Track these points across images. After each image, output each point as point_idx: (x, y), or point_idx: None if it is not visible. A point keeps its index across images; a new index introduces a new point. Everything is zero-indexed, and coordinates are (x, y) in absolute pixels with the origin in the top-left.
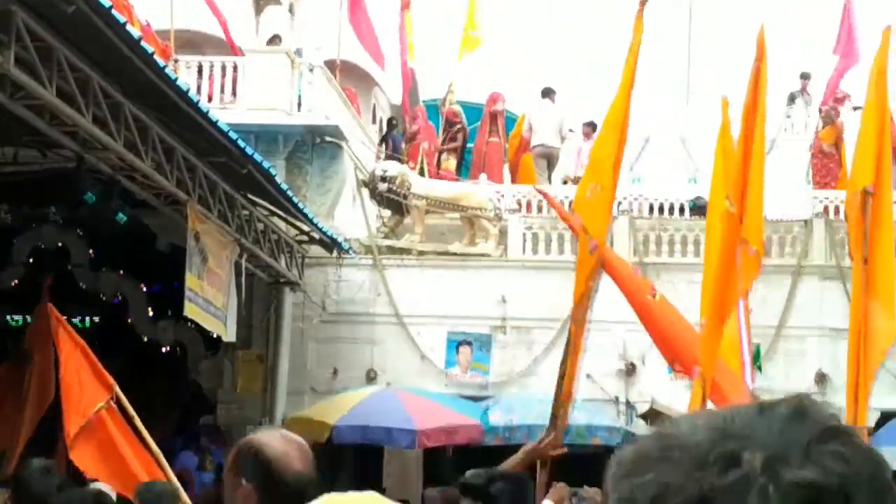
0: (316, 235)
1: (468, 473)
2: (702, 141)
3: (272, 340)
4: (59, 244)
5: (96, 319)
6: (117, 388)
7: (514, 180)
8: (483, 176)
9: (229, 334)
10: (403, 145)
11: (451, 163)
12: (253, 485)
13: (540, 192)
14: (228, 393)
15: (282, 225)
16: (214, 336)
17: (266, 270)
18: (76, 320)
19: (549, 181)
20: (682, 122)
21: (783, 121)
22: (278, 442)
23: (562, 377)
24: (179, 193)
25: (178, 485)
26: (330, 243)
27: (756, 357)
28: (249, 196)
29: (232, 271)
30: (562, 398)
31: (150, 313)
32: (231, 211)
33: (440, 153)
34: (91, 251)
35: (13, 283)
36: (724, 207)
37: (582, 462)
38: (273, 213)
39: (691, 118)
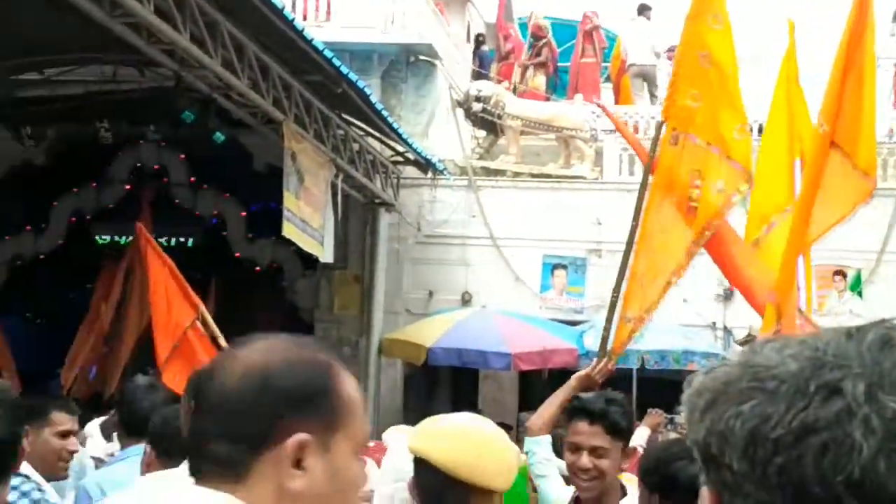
0: (411, 156)
1: (584, 395)
2: None
3: (368, 261)
4: (158, 163)
5: (194, 239)
6: (203, 307)
7: (616, 101)
8: (578, 96)
9: (326, 255)
10: (494, 64)
11: (538, 79)
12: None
13: (601, 107)
14: (325, 313)
15: (377, 145)
16: (311, 256)
17: (361, 191)
18: (174, 239)
19: (653, 100)
20: None
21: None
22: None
23: (613, 303)
24: (275, 112)
25: None
26: (425, 164)
27: (856, 283)
28: (344, 116)
29: (328, 191)
30: (620, 326)
31: (248, 233)
32: (326, 130)
33: (525, 68)
34: (189, 170)
35: (113, 202)
36: (811, 129)
37: (678, 388)
38: (368, 134)
39: None
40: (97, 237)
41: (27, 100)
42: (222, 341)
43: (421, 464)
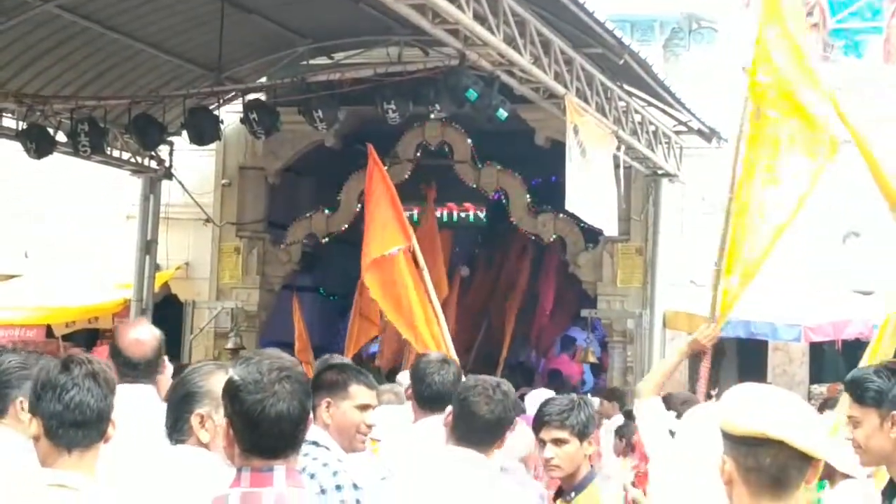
0: (694, 125)
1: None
2: None
3: (651, 233)
4: (443, 141)
5: (480, 214)
6: (415, 241)
7: None
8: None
9: (610, 227)
10: None
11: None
12: None
13: None
14: (608, 286)
15: (659, 115)
16: (594, 229)
17: (644, 162)
18: (457, 214)
19: None
20: None
21: None
22: None
23: (717, 271)
24: (557, 87)
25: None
26: (709, 133)
27: None
28: (626, 87)
29: (611, 164)
30: (724, 292)
31: (530, 207)
32: (608, 103)
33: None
34: (472, 147)
35: (400, 181)
36: None
37: None
38: (650, 104)
39: None
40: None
41: (318, 84)
42: (426, 275)
43: (752, 442)
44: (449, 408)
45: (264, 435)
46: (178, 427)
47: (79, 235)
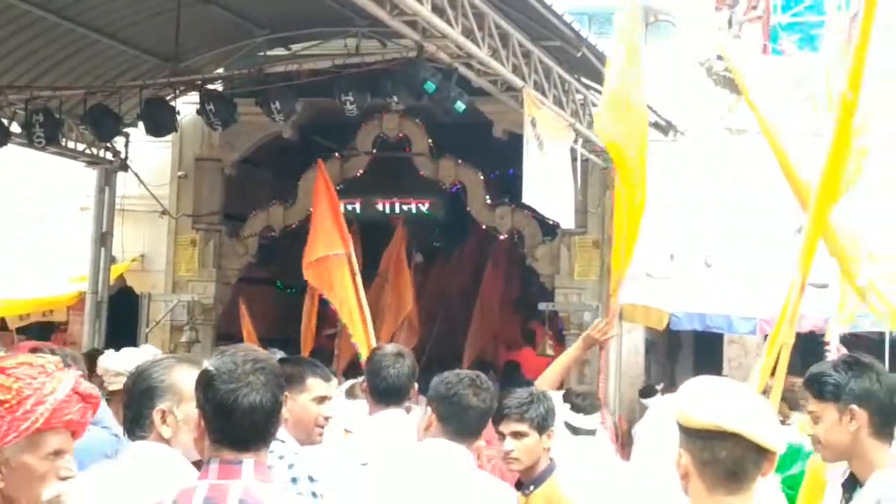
0: (651, 119)
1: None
2: None
3: (607, 225)
4: (401, 133)
5: (438, 207)
6: (352, 249)
7: None
8: None
9: (567, 220)
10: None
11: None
12: None
13: None
14: (565, 279)
15: None
16: (551, 222)
17: (601, 155)
18: (415, 206)
19: None
20: None
21: None
22: None
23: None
24: (515, 79)
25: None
26: (665, 126)
27: None
28: (584, 80)
29: (568, 156)
30: (613, 278)
31: (489, 200)
32: (566, 95)
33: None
34: (430, 140)
35: (358, 173)
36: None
37: None
38: None
39: None
40: (343, 207)
41: (276, 75)
42: (359, 280)
43: (708, 436)
44: (417, 408)
45: (236, 426)
46: (139, 423)
47: (33, 227)
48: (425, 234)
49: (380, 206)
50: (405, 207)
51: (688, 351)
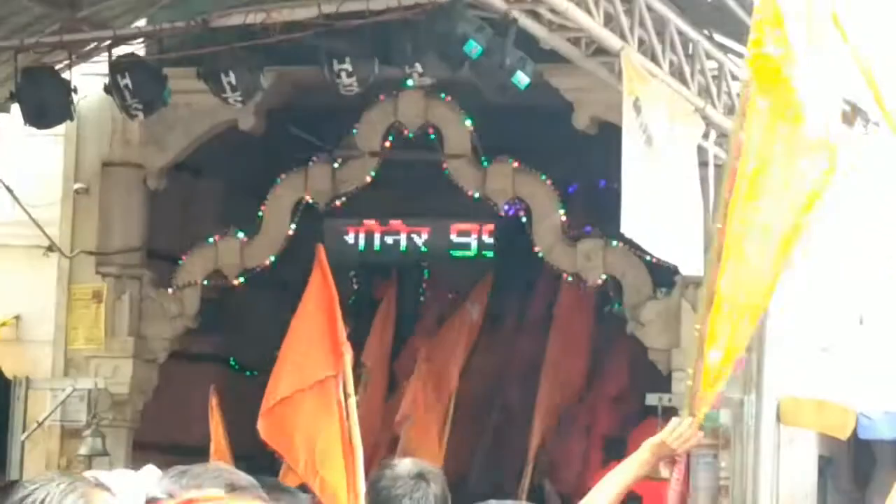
0: None
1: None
2: None
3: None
4: (426, 123)
5: (486, 239)
6: (347, 365)
7: None
8: None
9: (690, 263)
10: None
11: None
12: None
13: None
14: (689, 355)
15: None
16: (665, 265)
17: None
18: (455, 240)
19: None
20: None
21: None
22: None
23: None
24: (610, 37)
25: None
26: (850, 112)
27: None
28: (719, 37)
29: (694, 160)
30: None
31: (565, 229)
32: (690, 63)
33: None
34: (474, 133)
35: (360, 185)
36: None
37: None
38: None
39: None
40: (337, 240)
41: (230, 31)
42: (353, 407)
43: None
44: None
45: None
46: None
47: None
48: (464, 282)
49: (391, 239)
50: (431, 240)
51: (888, 471)
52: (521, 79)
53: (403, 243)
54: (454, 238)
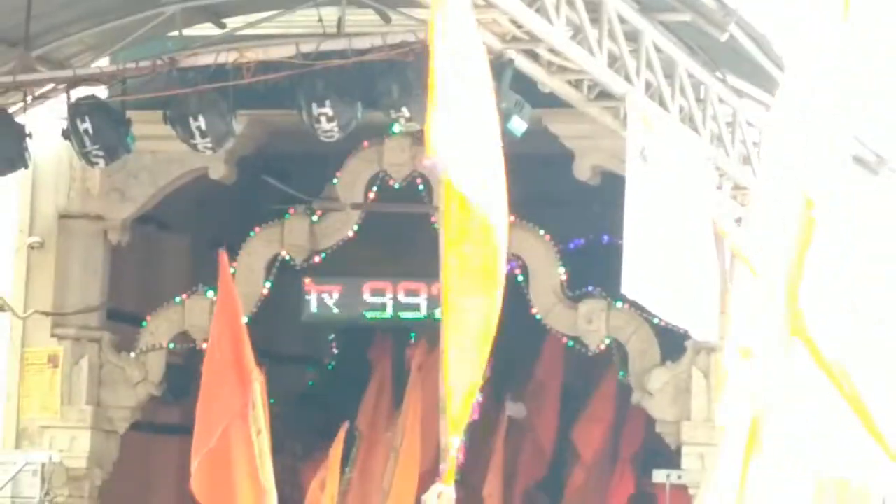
0: (853, 151)
1: None
2: None
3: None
4: (414, 172)
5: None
6: (257, 387)
7: None
8: None
9: (705, 327)
10: None
11: None
12: None
13: None
14: (701, 428)
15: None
16: (677, 331)
17: None
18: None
19: None
20: None
21: None
22: None
23: None
24: (614, 80)
25: None
26: (874, 161)
27: None
28: (732, 79)
29: (707, 215)
30: None
31: (565, 289)
32: (702, 108)
33: None
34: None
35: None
36: None
37: None
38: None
39: None
40: (316, 300)
41: (199, 72)
42: (265, 444)
43: None
44: None
45: None
46: None
47: None
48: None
49: (373, 297)
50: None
51: None
52: (518, 124)
53: (389, 306)
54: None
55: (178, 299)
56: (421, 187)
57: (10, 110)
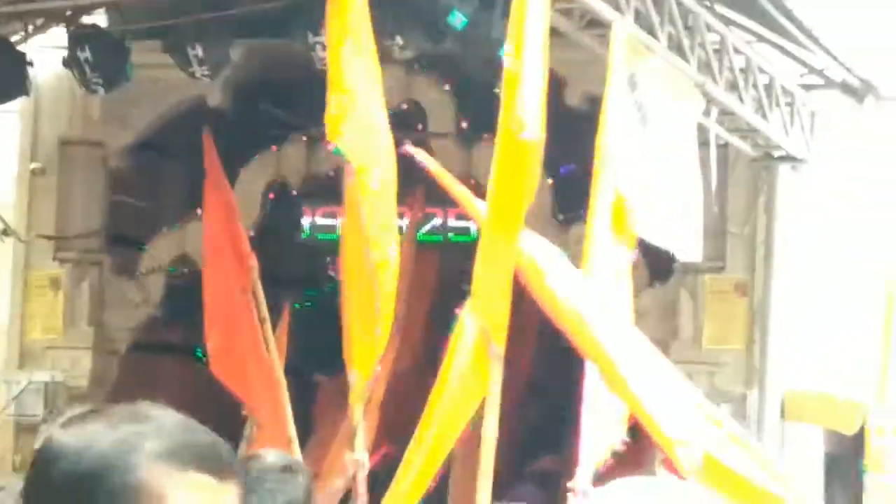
0: (836, 75)
1: None
2: None
3: (762, 258)
4: (408, 99)
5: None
6: (255, 272)
7: None
8: None
9: (690, 250)
10: None
11: None
12: None
13: None
14: (688, 347)
15: (776, 58)
16: (663, 254)
17: (750, 137)
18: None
19: None
20: None
21: None
22: None
23: None
24: (604, 8)
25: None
26: (861, 87)
27: None
28: (720, 8)
29: (693, 140)
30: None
31: (556, 212)
32: (690, 36)
33: None
34: (458, 109)
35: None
36: None
37: None
38: (761, 39)
39: None
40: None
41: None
42: (272, 343)
43: None
44: None
45: None
46: None
47: None
48: (454, 273)
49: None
50: (441, 224)
51: None
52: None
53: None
54: (452, 222)
55: (176, 223)
56: (414, 117)
57: (12, 39)
